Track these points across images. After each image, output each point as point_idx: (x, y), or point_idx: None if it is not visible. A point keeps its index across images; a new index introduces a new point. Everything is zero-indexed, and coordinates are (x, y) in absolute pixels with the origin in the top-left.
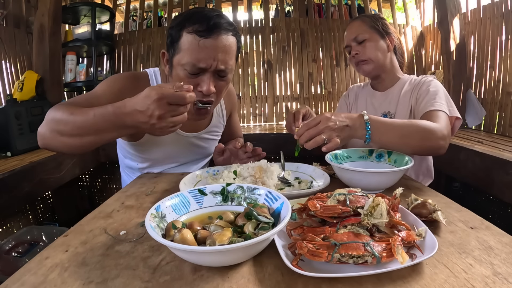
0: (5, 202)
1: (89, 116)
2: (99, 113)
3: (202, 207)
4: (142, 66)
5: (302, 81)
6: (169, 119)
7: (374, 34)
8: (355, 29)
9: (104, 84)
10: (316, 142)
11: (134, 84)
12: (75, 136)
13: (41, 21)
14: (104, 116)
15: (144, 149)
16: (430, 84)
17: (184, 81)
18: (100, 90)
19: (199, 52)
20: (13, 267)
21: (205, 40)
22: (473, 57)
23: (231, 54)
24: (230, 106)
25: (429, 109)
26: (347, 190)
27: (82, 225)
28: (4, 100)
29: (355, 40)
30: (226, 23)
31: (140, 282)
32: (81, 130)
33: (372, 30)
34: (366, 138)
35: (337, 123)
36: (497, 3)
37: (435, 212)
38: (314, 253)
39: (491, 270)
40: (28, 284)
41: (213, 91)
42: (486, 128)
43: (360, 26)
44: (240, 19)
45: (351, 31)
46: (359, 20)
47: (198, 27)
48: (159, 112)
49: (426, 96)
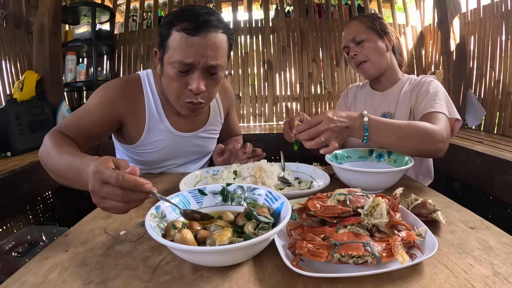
0: (5, 202)
1: (62, 161)
2: (69, 162)
3: (202, 207)
4: (142, 66)
5: (302, 81)
6: (101, 199)
7: (372, 34)
8: (353, 29)
9: (95, 95)
10: (316, 143)
11: (125, 90)
12: (53, 174)
13: (41, 21)
14: (71, 166)
15: (141, 152)
16: (430, 85)
17: (174, 79)
18: (92, 104)
19: (186, 50)
20: (13, 267)
21: (193, 38)
22: (473, 57)
23: (221, 52)
24: (227, 103)
25: (428, 110)
26: (347, 190)
27: (82, 225)
28: (4, 100)
29: (353, 41)
30: (216, 21)
31: (140, 282)
32: (56, 171)
33: (370, 30)
34: (364, 138)
35: (338, 124)
36: (497, 3)
37: (435, 212)
38: (314, 253)
39: (491, 270)
40: (28, 284)
41: (203, 89)
42: (486, 128)
43: (358, 26)
44: (240, 19)
45: (349, 32)
46: (356, 20)
47: (187, 25)
48: (91, 187)
49: (426, 97)
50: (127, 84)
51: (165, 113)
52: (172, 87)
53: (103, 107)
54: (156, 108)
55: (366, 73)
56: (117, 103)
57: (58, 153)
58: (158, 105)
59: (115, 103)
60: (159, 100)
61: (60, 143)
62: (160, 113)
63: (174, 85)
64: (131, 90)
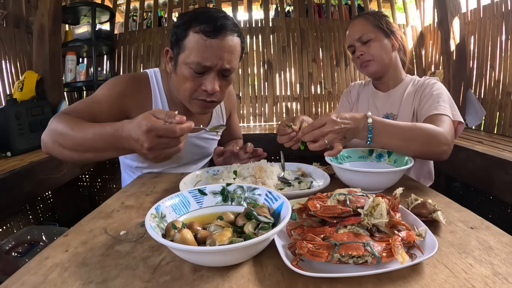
0: (5, 202)
1: (88, 134)
2: (98, 132)
3: (202, 207)
4: (142, 66)
5: (302, 81)
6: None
7: (378, 33)
8: (359, 28)
9: (104, 87)
10: (320, 145)
11: (134, 86)
12: (75, 151)
13: (41, 21)
14: (102, 136)
15: None
16: (434, 87)
17: (189, 79)
18: (101, 94)
19: (205, 51)
20: (13, 267)
21: (212, 40)
22: (473, 57)
23: (236, 55)
24: (229, 106)
25: (432, 112)
26: (347, 190)
27: (82, 225)
28: (4, 100)
29: (360, 40)
30: (232, 25)
31: (140, 282)
32: (80, 147)
33: (377, 29)
34: (367, 140)
35: (342, 126)
36: (497, 3)
37: (435, 212)
38: (314, 253)
39: (491, 270)
40: (28, 284)
41: (218, 90)
42: (486, 128)
43: (364, 25)
44: (240, 19)
45: (355, 30)
46: (362, 18)
47: (205, 27)
48: (148, 145)
49: (430, 99)
50: (136, 81)
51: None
52: (186, 86)
53: (112, 100)
54: (162, 107)
55: (370, 73)
56: (125, 98)
57: (80, 128)
58: (165, 104)
59: (124, 97)
60: (166, 99)
61: (76, 121)
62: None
63: (188, 85)
64: (139, 87)
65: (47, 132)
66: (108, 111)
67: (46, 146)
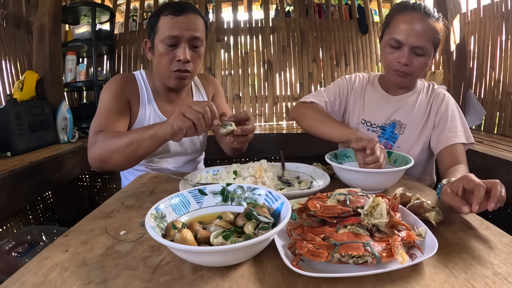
0: (5, 202)
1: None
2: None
3: (202, 207)
4: (142, 66)
5: (302, 81)
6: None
7: (431, 49)
8: (425, 35)
9: (104, 93)
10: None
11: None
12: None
13: (41, 21)
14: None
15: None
16: (448, 106)
17: (164, 54)
18: (105, 101)
19: (173, 26)
20: (13, 267)
21: (178, 17)
22: (473, 57)
23: (201, 28)
24: (208, 89)
25: (451, 142)
26: (347, 190)
27: (82, 225)
28: (4, 100)
29: (415, 48)
30: (195, 8)
31: (140, 282)
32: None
33: (432, 44)
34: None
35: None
36: (497, 3)
37: (429, 212)
38: (314, 253)
39: (491, 270)
40: (28, 284)
41: (189, 59)
42: (486, 128)
43: (431, 32)
44: (240, 19)
45: (419, 34)
46: (431, 23)
47: (172, 9)
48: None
49: (447, 123)
50: (125, 77)
51: (156, 102)
52: (163, 62)
53: (116, 98)
54: (147, 97)
55: (399, 84)
56: (123, 91)
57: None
58: (150, 95)
59: (122, 91)
60: (151, 92)
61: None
62: (151, 102)
63: (164, 60)
64: (128, 81)
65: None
66: (119, 109)
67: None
